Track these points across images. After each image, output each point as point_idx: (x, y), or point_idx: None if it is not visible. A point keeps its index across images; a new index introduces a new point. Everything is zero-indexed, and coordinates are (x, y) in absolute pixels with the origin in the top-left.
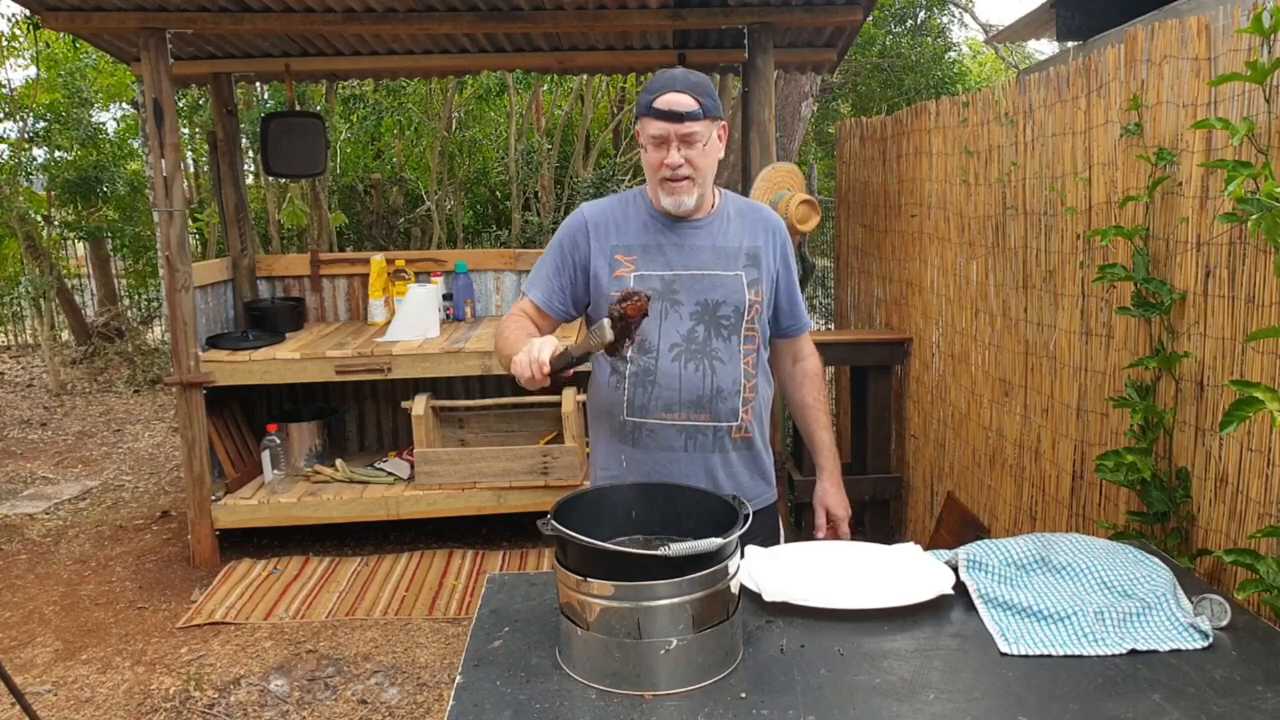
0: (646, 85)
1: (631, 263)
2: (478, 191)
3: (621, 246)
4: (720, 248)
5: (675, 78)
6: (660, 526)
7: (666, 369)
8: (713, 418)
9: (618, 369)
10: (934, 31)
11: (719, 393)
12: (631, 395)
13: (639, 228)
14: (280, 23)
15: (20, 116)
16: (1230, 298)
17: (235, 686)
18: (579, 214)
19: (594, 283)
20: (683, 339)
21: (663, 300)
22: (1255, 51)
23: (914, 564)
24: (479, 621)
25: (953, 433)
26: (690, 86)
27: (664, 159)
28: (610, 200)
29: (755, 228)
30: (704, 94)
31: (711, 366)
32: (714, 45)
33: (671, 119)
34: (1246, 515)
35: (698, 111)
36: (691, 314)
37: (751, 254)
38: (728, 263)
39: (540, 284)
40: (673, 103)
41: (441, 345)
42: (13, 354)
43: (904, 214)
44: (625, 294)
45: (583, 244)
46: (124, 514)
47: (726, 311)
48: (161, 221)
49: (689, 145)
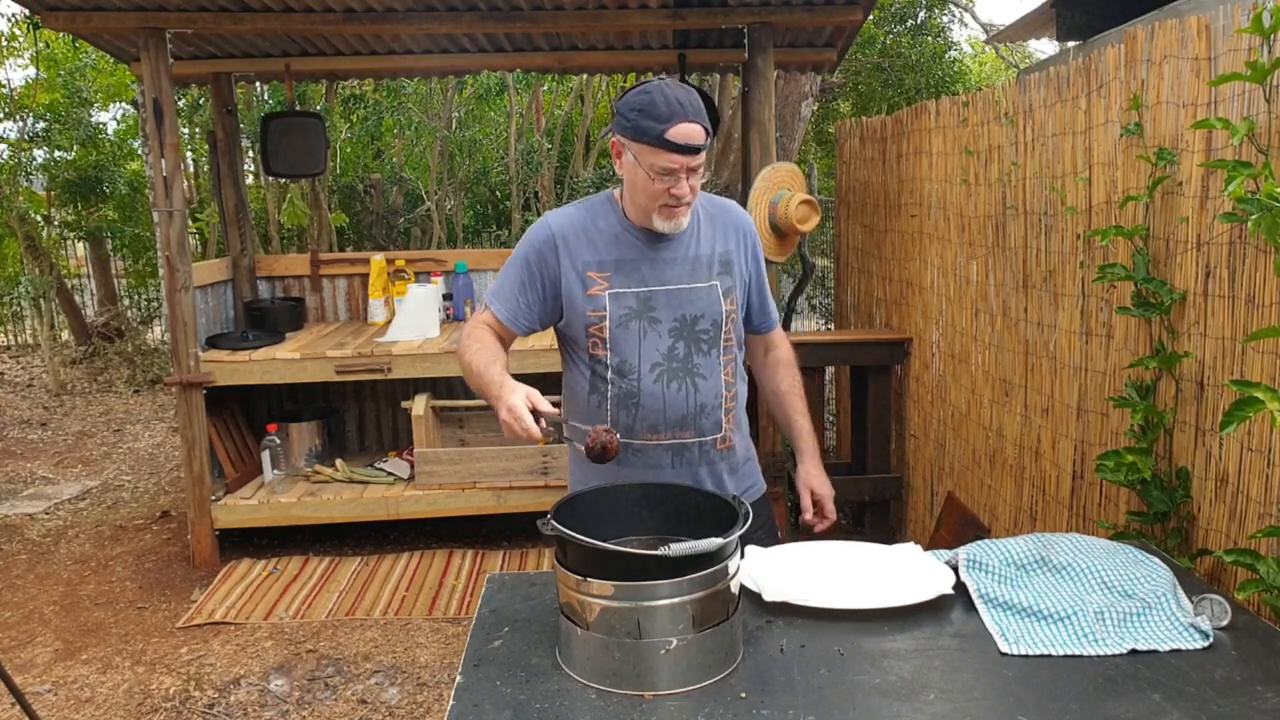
0: (643, 108)
1: (605, 279)
2: (478, 191)
3: (594, 263)
4: (694, 258)
5: (684, 105)
6: (660, 526)
7: (650, 390)
8: (698, 433)
9: (598, 389)
10: (934, 31)
11: (703, 409)
12: (615, 417)
13: (610, 241)
14: (280, 23)
15: (20, 116)
16: (1230, 298)
17: (235, 686)
18: (544, 226)
19: (567, 301)
20: (663, 357)
21: (640, 318)
22: (1255, 51)
23: (914, 564)
24: (479, 621)
25: (953, 433)
26: (697, 113)
27: (671, 189)
28: (577, 210)
29: (726, 230)
30: (705, 117)
31: (694, 384)
32: (714, 45)
33: (687, 152)
34: (1246, 515)
35: (706, 142)
36: (670, 330)
37: (724, 260)
38: (701, 274)
39: (505, 299)
40: (688, 135)
41: (441, 345)
42: (13, 354)
43: (904, 214)
44: (600, 438)
45: (551, 260)
46: (124, 514)
47: (705, 325)
48: (161, 221)
49: (695, 174)
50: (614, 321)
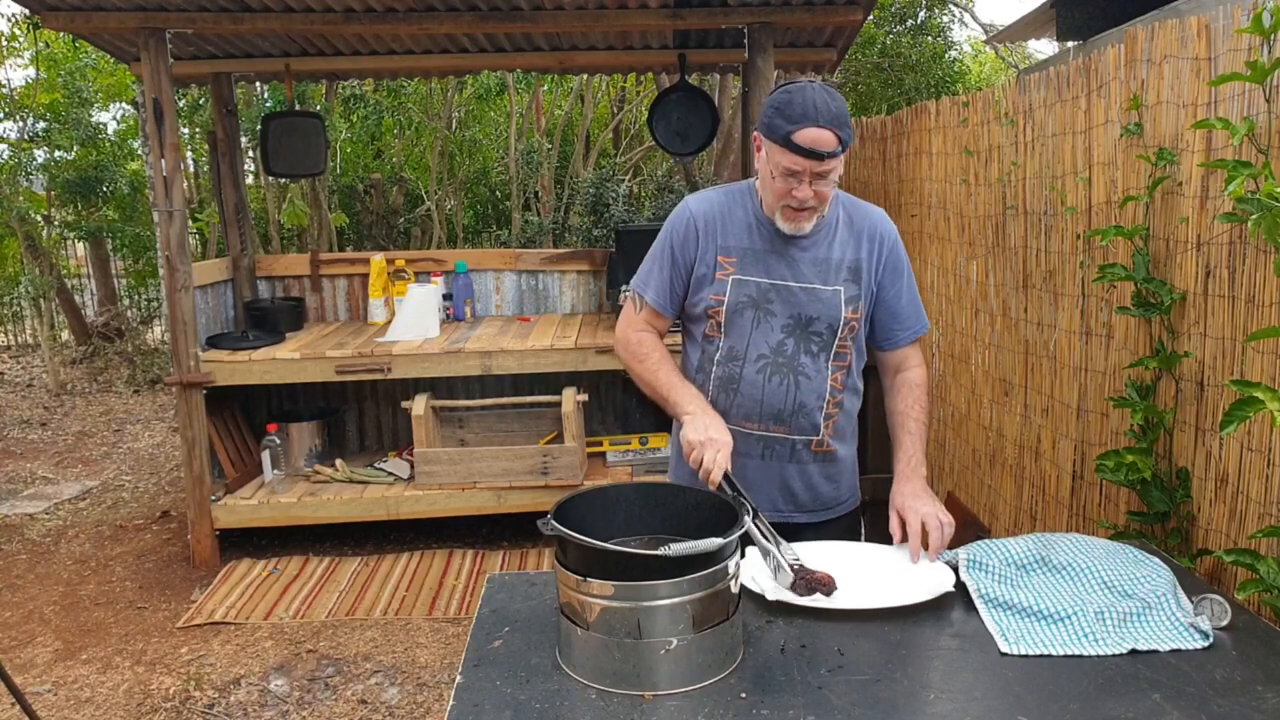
0: (780, 106)
1: (731, 265)
2: (478, 191)
3: (725, 247)
4: (822, 260)
5: (818, 109)
6: (661, 527)
7: (751, 379)
8: (792, 430)
9: (704, 369)
10: (934, 31)
11: (801, 408)
12: (715, 397)
13: (744, 229)
14: (280, 23)
15: (20, 116)
16: (1230, 298)
17: (235, 686)
18: (685, 210)
19: (696, 282)
20: (771, 351)
21: (756, 309)
22: (1255, 51)
23: (914, 564)
24: (479, 621)
25: (953, 432)
26: (832, 120)
27: (793, 190)
28: (717, 194)
29: (860, 237)
30: (844, 126)
31: (796, 382)
32: (714, 45)
33: (812, 157)
34: (1247, 515)
35: (838, 150)
36: (783, 326)
37: (853, 268)
38: (827, 277)
39: (654, 286)
40: (816, 140)
41: (441, 345)
42: (13, 354)
43: (904, 214)
44: (818, 576)
45: (692, 244)
46: (124, 514)
47: (820, 328)
48: (161, 221)
49: (822, 180)
50: (730, 307)
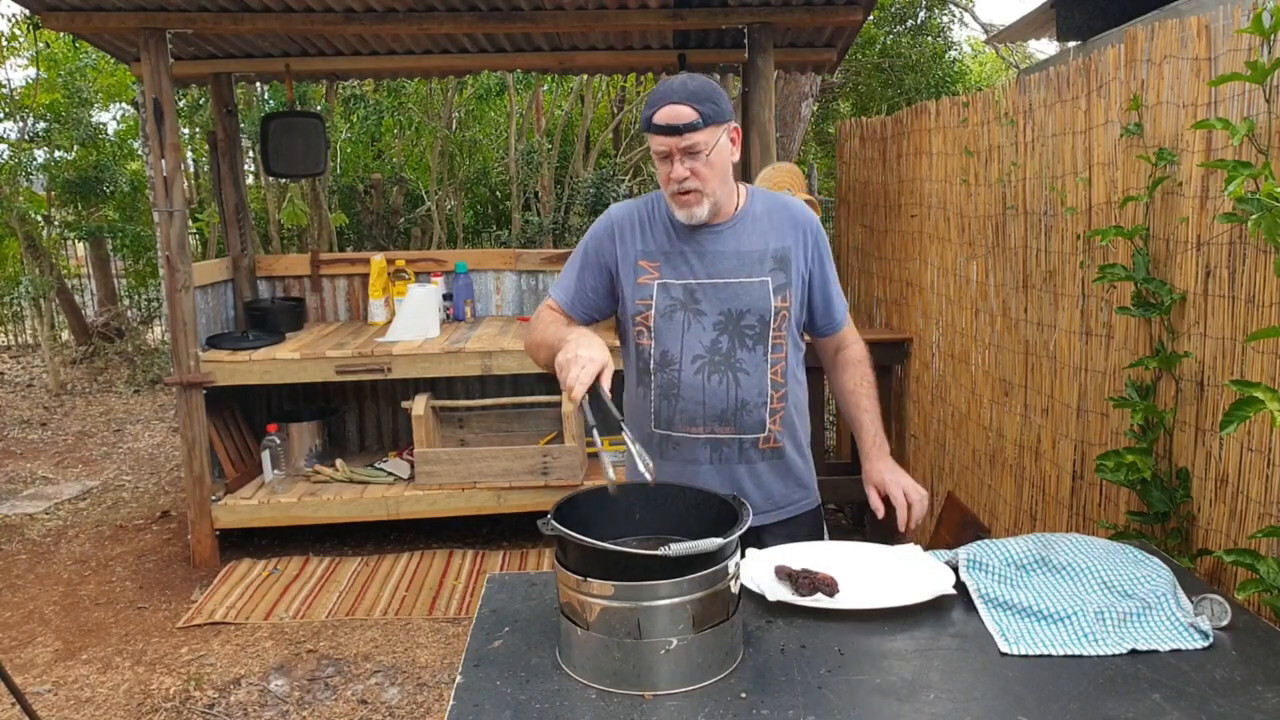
0: (648, 98)
1: (655, 269)
2: (478, 191)
3: (645, 252)
4: (744, 252)
5: (673, 89)
6: (661, 527)
7: (690, 381)
8: (738, 430)
9: (644, 381)
10: (934, 31)
11: (744, 405)
12: (658, 408)
13: (662, 232)
14: (280, 23)
15: (20, 116)
16: (1230, 298)
17: (235, 686)
18: (607, 216)
19: (619, 288)
20: (706, 350)
21: (685, 310)
22: (1255, 51)
23: (914, 564)
24: (479, 621)
25: (953, 433)
26: (689, 96)
27: (670, 173)
28: (637, 203)
29: (783, 226)
30: (703, 100)
31: (735, 379)
32: (714, 45)
33: (670, 133)
34: (1247, 515)
35: (697, 122)
36: (715, 324)
37: (779, 256)
38: (752, 268)
39: (564, 286)
40: (672, 115)
41: (441, 345)
42: (13, 354)
43: (904, 214)
44: (820, 577)
45: (608, 248)
46: (124, 514)
47: (751, 321)
48: (161, 221)
49: (692, 157)
50: (659, 312)
